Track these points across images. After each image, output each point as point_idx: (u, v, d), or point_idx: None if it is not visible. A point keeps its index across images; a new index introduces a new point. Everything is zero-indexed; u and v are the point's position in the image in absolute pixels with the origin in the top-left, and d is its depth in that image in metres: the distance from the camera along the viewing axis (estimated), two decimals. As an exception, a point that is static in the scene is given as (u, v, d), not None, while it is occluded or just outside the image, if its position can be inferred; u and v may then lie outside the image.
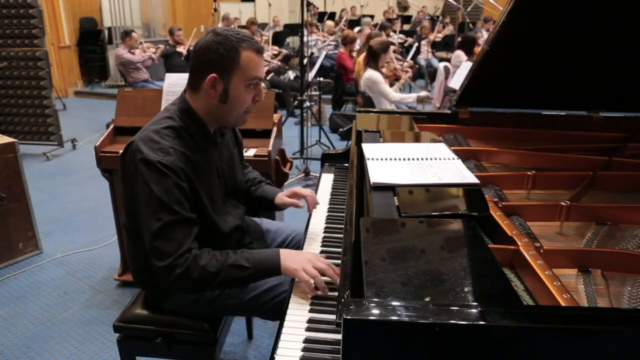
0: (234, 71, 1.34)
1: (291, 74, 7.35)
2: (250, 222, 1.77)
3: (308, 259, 1.31)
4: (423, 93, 4.35)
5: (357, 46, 6.74)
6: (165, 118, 1.41)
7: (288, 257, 1.34)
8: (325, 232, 1.60)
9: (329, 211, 1.75)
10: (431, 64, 7.85)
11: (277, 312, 1.34)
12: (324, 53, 6.20)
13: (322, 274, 1.28)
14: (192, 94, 1.42)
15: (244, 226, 1.64)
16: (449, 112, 2.12)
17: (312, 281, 1.26)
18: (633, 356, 0.70)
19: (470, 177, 1.29)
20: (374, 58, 4.24)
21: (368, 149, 1.54)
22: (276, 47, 7.66)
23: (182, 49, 6.69)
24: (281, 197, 1.71)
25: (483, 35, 7.09)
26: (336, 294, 1.22)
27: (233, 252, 1.36)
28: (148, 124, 1.41)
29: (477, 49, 6.15)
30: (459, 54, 5.53)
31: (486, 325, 0.70)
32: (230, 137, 1.64)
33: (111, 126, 2.56)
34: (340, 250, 1.37)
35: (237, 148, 1.69)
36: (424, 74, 7.72)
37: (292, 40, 9.93)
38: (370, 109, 2.43)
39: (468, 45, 5.66)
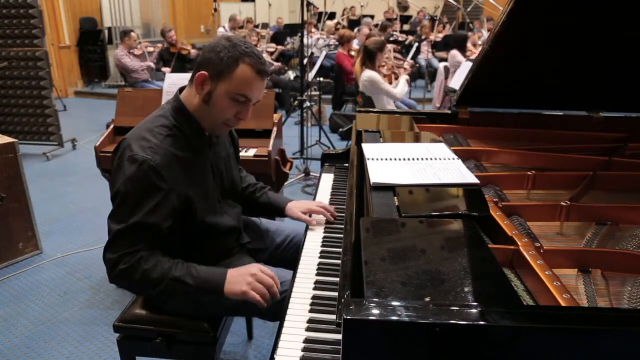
0: (224, 78, 1.33)
1: (291, 74, 7.35)
2: (250, 221, 1.77)
3: (251, 274, 1.31)
4: (406, 76, 4.45)
5: (356, 46, 6.74)
6: (159, 116, 1.41)
7: (233, 280, 1.32)
8: (325, 232, 1.60)
9: (329, 211, 1.74)
10: (431, 64, 7.85)
11: (276, 313, 1.33)
12: (324, 53, 6.20)
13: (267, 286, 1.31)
14: (188, 88, 1.43)
15: (240, 226, 1.64)
16: (449, 112, 2.12)
17: (261, 300, 1.29)
18: (633, 356, 0.70)
19: (470, 177, 1.29)
20: (370, 58, 4.23)
21: (368, 149, 1.54)
22: (273, 45, 7.66)
23: (174, 50, 6.69)
24: (294, 210, 1.68)
25: (483, 35, 7.09)
26: (336, 294, 1.21)
27: (181, 264, 1.34)
28: (142, 122, 1.41)
29: (470, 46, 6.17)
30: (455, 53, 5.54)
31: (486, 325, 0.70)
32: (226, 136, 1.64)
33: (111, 126, 2.56)
34: (340, 250, 1.37)
35: (232, 147, 1.68)
36: (424, 74, 7.72)
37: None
38: (370, 109, 2.43)
39: (461, 43, 5.68)
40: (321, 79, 6.01)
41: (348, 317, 0.71)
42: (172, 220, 1.34)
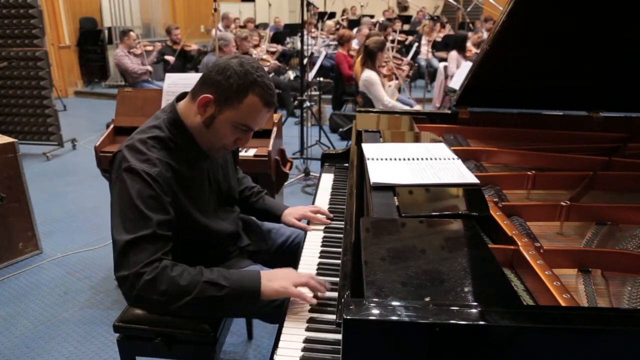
0: (231, 107, 1.29)
1: (291, 74, 7.35)
2: (252, 222, 1.77)
3: (291, 274, 1.24)
4: (415, 107, 4.38)
5: (355, 46, 6.74)
6: (153, 127, 1.36)
7: (270, 278, 1.23)
8: (325, 232, 1.60)
9: (329, 211, 1.74)
10: (431, 64, 7.85)
11: (276, 315, 1.32)
12: (324, 53, 6.20)
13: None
14: (188, 102, 1.38)
15: (238, 230, 1.63)
16: (449, 112, 2.12)
17: (306, 293, 1.18)
18: (633, 356, 0.70)
19: (470, 177, 1.29)
20: (370, 57, 4.23)
21: (368, 149, 1.54)
22: (274, 45, 7.67)
23: (177, 48, 6.73)
24: (289, 218, 1.67)
25: (483, 35, 7.09)
26: (336, 294, 1.21)
27: (209, 270, 1.24)
28: (136, 132, 1.37)
29: (470, 46, 6.18)
30: (453, 54, 5.55)
31: (486, 325, 0.70)
32: None
33: (111, 126, 2.56)
34: (340, 250, 1.37)
35: (231, 153, 1.65)
36: (424, 74, 7.72)
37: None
38: (370, 109, 2.43)
39: (460, 43, 5.69)
40: (321, 79, 6.01)
41: (348, 317, 0.71)
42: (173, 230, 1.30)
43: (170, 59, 6.63)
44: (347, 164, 2.07)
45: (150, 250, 1.21)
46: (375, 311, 0.72)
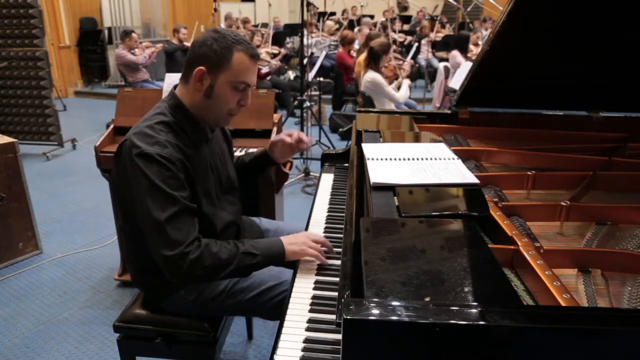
0: (223, 69, 1.36)
1: (291, 74, 7.34)
2: (249, 221, 1.77)
3: (306, 236, 1.42)
4: (408, 81, 4.46)
5: (356, 46, 6.74)
6: (157, 114, 1.41)
7: (289, 242, 1.41)
8: (325, 232, 1.60)
9: (329, 211, 1.74)
10: (431, 64, 7.84)
11: (276, 312, 1.34)
12: (324, 53, 6.21)
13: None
14: (183, 87, 1.45)
15: (239, 222, 1.64)
16: (449, 112, 2.12)
17: (319, 254, 1.37)
18: (633, 356, 0.70)
19: (470, 177, 1.29)
20: (374, 59, 4.23)
21: (368, 149, 1.54)
22: (276, 47, 7.66)
23: (186, 43, 6.78)
24: (274, 140, 1.73)
25: (483, 35, 7.10)
26: (336, 294, 1.21)
27: (238, 241, 1.40)
28: (139, 122, 1.42)
29: (471, 46, 6.18)
30: (455, 54, 5.55)
31: (486, 325, 0.70)
32: (219, 133, 1.65)
33: (111, 126, 2.56)
34: (340, 250, 1.37)
35: (226, 144, 1.69)
36: (424, 74, 7.71)
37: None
38: (370, 109, 2.43)
39: (462, 44, 5.68)
40: (321, 79, 6.01)
41: (348, 317, 0.71)
42: None
43: (188, 44, 6.74)
44: (347, 164, 2.07)
45: (186, 228, 1.30)
46: (375, 311, 0.72)
